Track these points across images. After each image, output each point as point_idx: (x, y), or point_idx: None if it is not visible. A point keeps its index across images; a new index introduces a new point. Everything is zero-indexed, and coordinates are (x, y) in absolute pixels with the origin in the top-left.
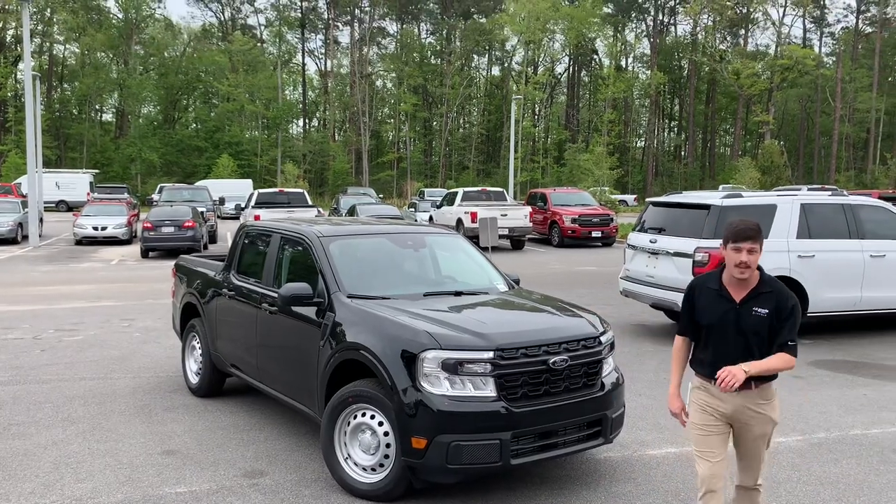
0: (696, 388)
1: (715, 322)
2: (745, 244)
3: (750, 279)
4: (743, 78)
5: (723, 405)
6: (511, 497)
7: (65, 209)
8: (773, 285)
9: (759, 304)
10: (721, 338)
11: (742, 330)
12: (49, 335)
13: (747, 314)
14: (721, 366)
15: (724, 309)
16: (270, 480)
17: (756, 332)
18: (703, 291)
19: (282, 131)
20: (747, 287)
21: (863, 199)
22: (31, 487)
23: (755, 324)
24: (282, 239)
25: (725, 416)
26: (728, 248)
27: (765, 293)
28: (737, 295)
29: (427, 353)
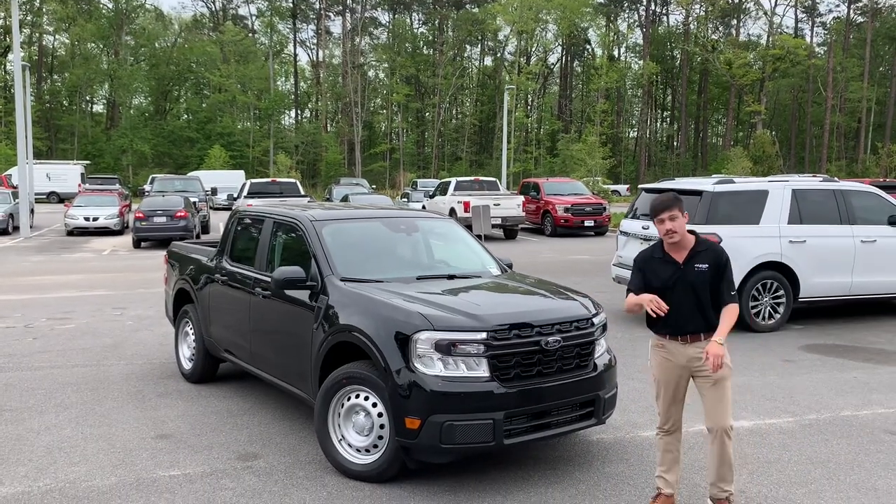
0: (654, 347)
1: (665, 283)
2: (664, 214)
3: (685, 242)
4: (735, 68)
5: (679, 357)
6: (504, 477)
7: (56, 200)
8: (707, 244)
9: (699, 261)
10: (672, 296)
11: (689, 286)
12: (41, 324)
13: (691, 271)
14: (676, 323)
15: (670, 271)
16: (264, 463)
17: (701, 286)
18: (650, 261)
19: (274, 122)
20: (686, 248)
21: (854, 184)
22: (24, 471)
23: (699, 279)
24: (274, 224)
25: (681, 367)
26: (656, 224)
27: (702, 251)
28: (679, 257)
29: (420, 334)
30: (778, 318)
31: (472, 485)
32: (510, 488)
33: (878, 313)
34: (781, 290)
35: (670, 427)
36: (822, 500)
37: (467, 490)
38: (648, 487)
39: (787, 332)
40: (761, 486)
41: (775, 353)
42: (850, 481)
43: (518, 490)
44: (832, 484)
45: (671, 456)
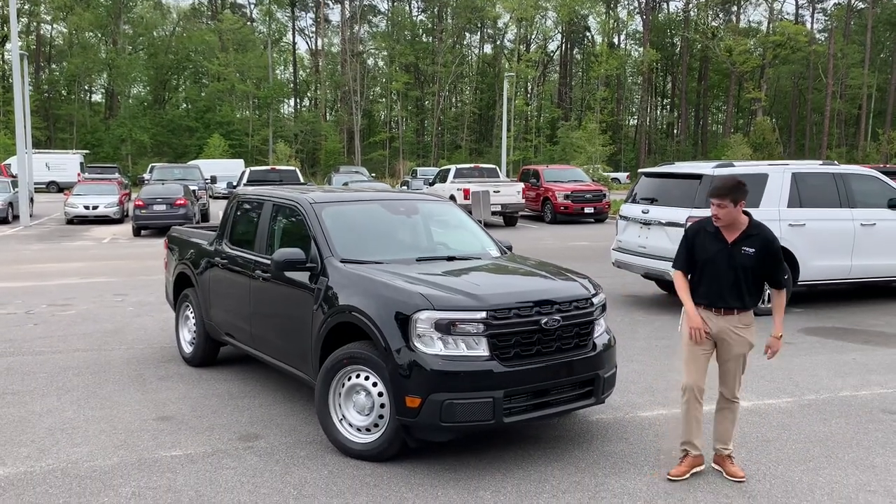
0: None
1: (710, 258)
2: (715, 200)
3: (737, 224)
4: (735, 55)
5: (710, 325)
6: (504, 456)
7: (55, 190)
8: (759, 229)
9: (748, 245)
10: (714, 272)
11: (733, 266)
12: (42, 310)
13: (738, 253)
14: (714, 295)
15: (717, 248)
16: (266, 443)
17: (744, 267)
18: (701, 233)
19: (273, 111)
20: (738, 230)
21: (854, 168)
22: (26, 452)
23: (744, 261)
24: (274, 206)
25: (711, 336)
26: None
27: (753, 235)
28: (729, 237)
29: (420, 313)
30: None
31: (472, 463)
32: (510, 466)
33: (877, 297)
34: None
35: (698, 392)
36: (820, 477)
37: (468, 468)
38: (648, 465)
39: (786, 316)
40: (760, 464)
41: None
42: (849, 459)
43: (518, 468)
44: (830, 461)
45: (695, 420)
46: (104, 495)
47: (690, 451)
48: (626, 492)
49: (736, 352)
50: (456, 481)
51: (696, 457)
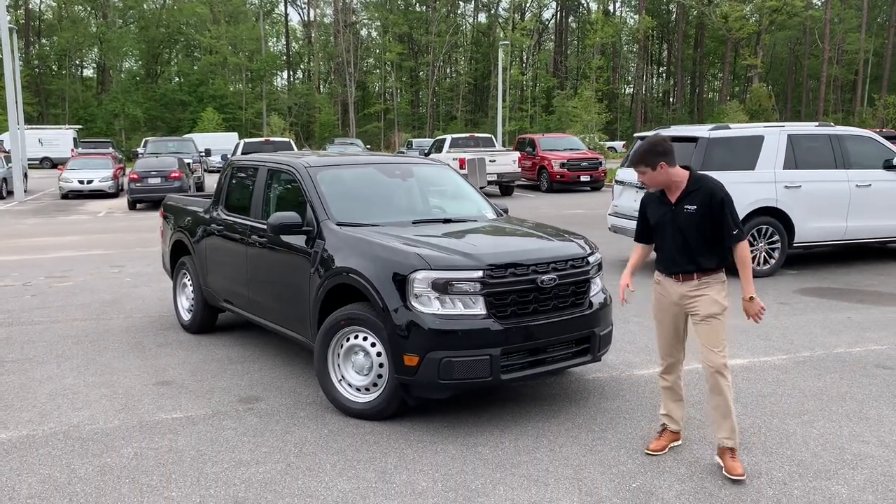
0: (654, 284)
1: (657, 223)
2: (637, 168)
3: (677, 183)
4: (731, 21)
5: (672, 294)
6: (502, 413)
7: (49, 166)
8: (700, 183)
9: (689, 202)
10: (664, 236)
11: (678, 227)
12: (39, 282)
13: (680, 212)
14: (667, 261)
15: (663, 210)
16: (266, 405)
17: (690, 227)
18: (651, 200)
19: (266, 84)
20: (678, 189)
21: (849, 129)
22: (28, 416)
23: (687, 220)
24: (269, 172)
25: (674, 304)
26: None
27: (693, 191)
28: (672, 197)
29: (417, 273)
30: (773, 263)
31: (470, 420)
32: (507, 423)
33: (872, 258)
34: (776, 236)
35: (669, 365)
36: (814, 429)
37: (466, 425)
38: (644, 421)
39: (782, 277)
40: (755, 418)
41: (770, 297)
42: (843, 411)
43: (515, 425)
44: (825, 414)
45: (673, 394)
46: (106, 456)
47: (668, 424)
48: (623, 446)
49: (703, 313)
50: (455, 437)
51: (674, 432)
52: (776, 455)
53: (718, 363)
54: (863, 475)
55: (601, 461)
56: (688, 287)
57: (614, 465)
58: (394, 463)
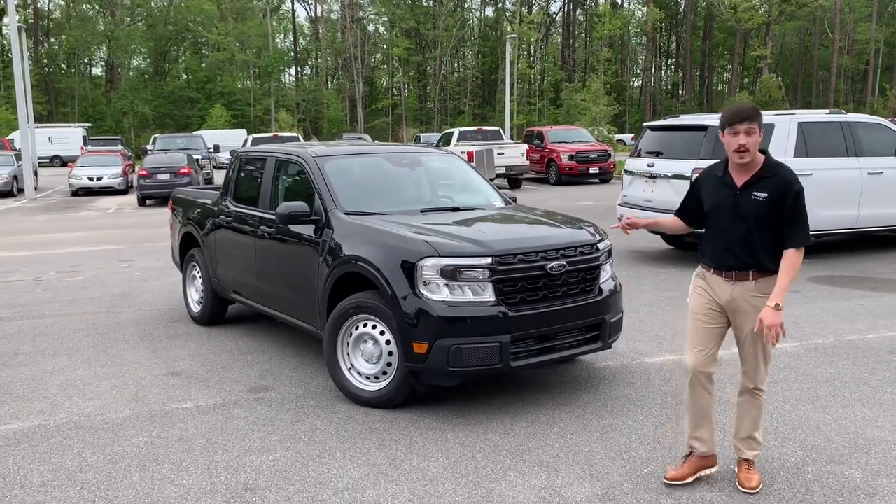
0: (696, 276)
1: (715, 206)
2: (742, 125)
3: (752, 164)
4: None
5: (719, 293)
6: (512, 401)
7: (59, 164)
8: (776, 170)
9: (759, 189)
10: (721, 224)
11: (741, 215)
12: (50, 277)
13: (746, 199)
14: (721, 254)
15: (724, 194)
16: (276, 394)
17: (755, 217)
18: (709, 178)
19: (274, 80)
20: (749, 172)
21: (861, 116)
22: (40, 407)
23: (753, 208)
24: (277, 162)
25: (720, 306)
26: (726, 133)
27: (767, 178)
28: (739, 180)
29: (425, 260)
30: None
31: (480, 409)
32: (518, 411)
33: (884, 246)
34: None
35: (700, 373)
36: (827, 414)
37: (476, 413)
38: (655, 408)
39: None
40: (767, 404)
41: None
42: (855, 397)
43: (526, 412)
44: (837, 400)
45: (700, 410)
46: (117, 445)
47: (696, 447)
48: (634, 432)
49: (752, 328)
50: (465, 425)
51: (705, 457)
52: (788, 440)
53: (761, 381)
54: (877, 459)
55: (612, 448)
56: (741, 289)
57: (625, 451)
58: (404, 450)
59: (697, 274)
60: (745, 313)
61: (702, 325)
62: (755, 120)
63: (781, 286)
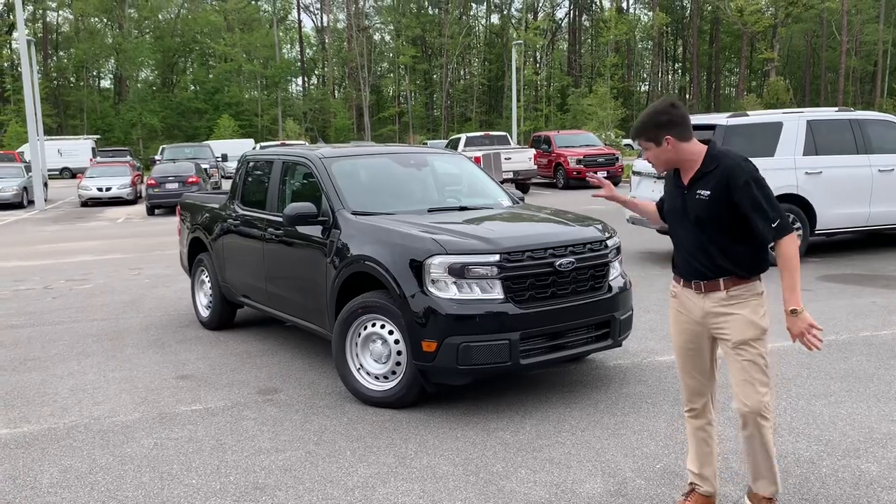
0: (670, 296)
1: (669, 209)
2: (641, 142)
3: (691, 162)
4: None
5: (692, 310)
6: (522, 400)
7: (69, 176)
8: (718, 161)
9: (702, 186)
10: (677, 228)
11: (692, 218)
12: (60, 285)
13: (692, 198)
14: (682, 264)
15: (675, 195)
16: (285, 396)
17: (704, 218)
18: (669, 179)
19: (281, 90)
20: (692, 169)
21: (870, 113)
22: (49, 410)
23: (699, 209)
24: (284, 164)
25: (696, 323)
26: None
27: (709, 171)
28: (685, 178)
29: (433, 258)
30: None
31: (490, 407)
32: (528, 409)
33: (895, 244)
34: (798, 223)
35: (695, 407)
36: (841, 409)
37: (486, 412)
38: (667, 405)
39: (804, 265)
40: (780, 400)
41: None
42: (870, 392)
43: (536, 410)
44: (851, 395)
45: (701, 446)
46: (127, 446)
47: (697, 485)
48: (646, 429)
49: (735, 338)
50: (475, 423)
51: (706, 496)
52: (803, 435)
53: (757, 405)
54: (893, 453)
55: (624, 444)
56: (712, 301)
57: (637, 447)
58: (414, 448)
59: (671, 291)
60: (723, 324)
61: (687, 349)
62: (642, 135)
63: (788, 286)
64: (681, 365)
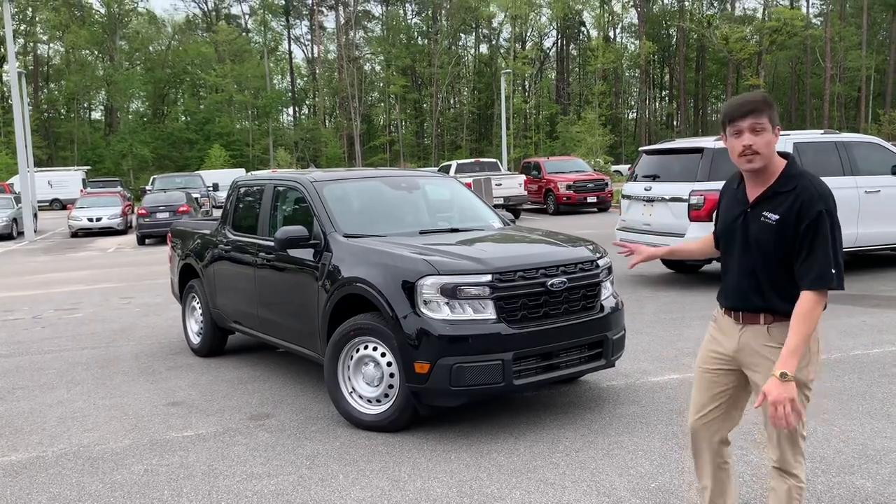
0: (711, 321)
1: (724, 228)
2: (745, 121)
3: (768, 173)
4: (732, 42)
5: (727, 341)
6: (516, 421)
7: (59, 207)
8: (798, 181)
9: (771, 207)
10: (729, 249)
11: (749, 240)
12: (49, 314)
13: (755, 219)
14: (728, 290)
15: (735, 213)
16: (276, 421)
17: (763, 242)
18: (727, 191)
19: (272, 120)
20: (764, 183)
21: (855, 135)
22: (38, 439)
23: (760, 232)
24: (275, 189)
25: (728, 357)
26: (728, 133)
27: (783, 192)
28: (752, 194)
29: (425, 279)
30: None
31: (483, 429)
32: (522, 431)
33: (884, 264)
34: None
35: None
36: (835, 427)
37: (479, 434)
38: (661, 425)
39: None
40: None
41: None
42: (863, 410)
43: (530, 432)
44: (844, 413)
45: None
46: (117, 473)
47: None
48: (640, 449)
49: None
50: (469, 446)
51: None
52: None
53: (783, 459)
54: (887, 469)
55: (619, 464)
56: (750, 334)
57: (632, 467)
58: (407, 472)
59: (713, 316)
60: (758, 367)
61: (704, 377)
62: (763, 113)
63: (791, 347)
64: (694, 397)
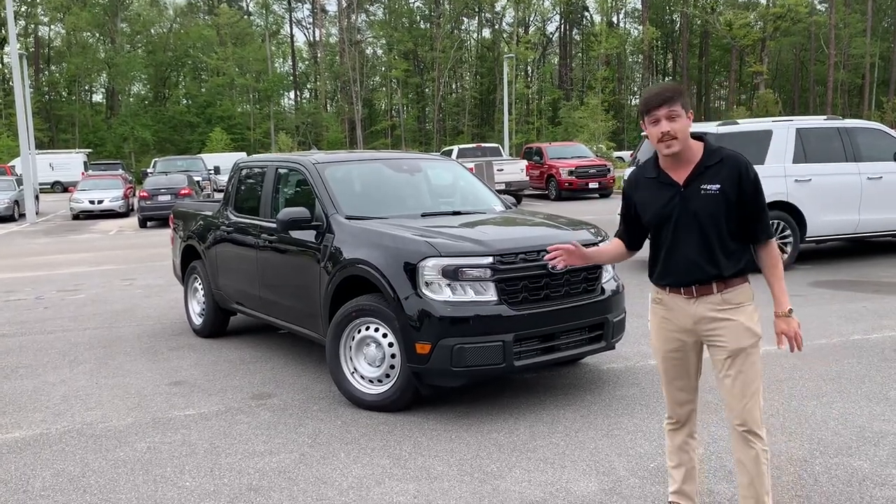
0: (652, 303)
1: (657, 214)
2: (661, 110)
3: (689, 154)
4: (735, 29)
5: (681, 317)
6: (516, 402)
7: (60, 190)
8: (722, 154)
9: (708, 181)
10: (669, 233)
11: (694, 216)
12: (51, 295)
13: (695, 195)
14: (677, 269)
15: (666, 196)
16: (278, 400)
17: (710, 214)
18: (639, 184)
19: (273, 104)
20: (690, 163)
21: (858, 121)
22: (41, 416)
23: (706, 204)
24: (277, 171)
25: (686, 332)
26: (646, 122)
27: (713, 165)
28: (679, 176)
29: (427, 261)
30: (785, 258)
31: (484, 409)
32: (522, 411)
33: (885, 251)
34: (788, 230)
35: (678, 420)
36: (833, 409)
37: (480, 414)
38: (660, 406)
39: (795, 272)
40: (772, 401)
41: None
42: (861, 393)
43: (530, 412)
44: (843, 396)
45: (684, 460)
46: (120, 450)
47: (677, 503)
48: (639, 429)
49: (730, 347)
50: (469, 425)
51: None
52: (796, 435)
53: (752, 420)
54: (885, 451)
55: (618, 444)
56: (706, 306)
57: (631, 447)
58: (408, 450)
59: (652, 299)
60: (718, 331)
61: (671, 357)
62: (677, 101)
63: (782, 289)
64: (664, 374)
